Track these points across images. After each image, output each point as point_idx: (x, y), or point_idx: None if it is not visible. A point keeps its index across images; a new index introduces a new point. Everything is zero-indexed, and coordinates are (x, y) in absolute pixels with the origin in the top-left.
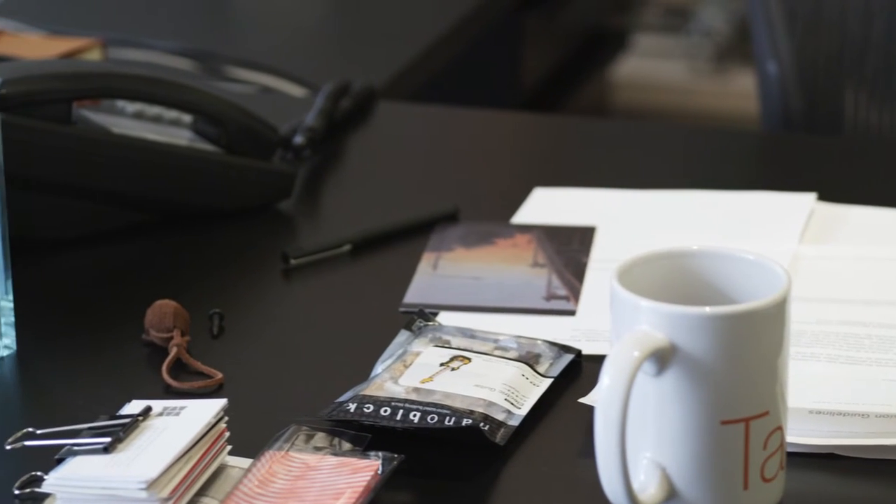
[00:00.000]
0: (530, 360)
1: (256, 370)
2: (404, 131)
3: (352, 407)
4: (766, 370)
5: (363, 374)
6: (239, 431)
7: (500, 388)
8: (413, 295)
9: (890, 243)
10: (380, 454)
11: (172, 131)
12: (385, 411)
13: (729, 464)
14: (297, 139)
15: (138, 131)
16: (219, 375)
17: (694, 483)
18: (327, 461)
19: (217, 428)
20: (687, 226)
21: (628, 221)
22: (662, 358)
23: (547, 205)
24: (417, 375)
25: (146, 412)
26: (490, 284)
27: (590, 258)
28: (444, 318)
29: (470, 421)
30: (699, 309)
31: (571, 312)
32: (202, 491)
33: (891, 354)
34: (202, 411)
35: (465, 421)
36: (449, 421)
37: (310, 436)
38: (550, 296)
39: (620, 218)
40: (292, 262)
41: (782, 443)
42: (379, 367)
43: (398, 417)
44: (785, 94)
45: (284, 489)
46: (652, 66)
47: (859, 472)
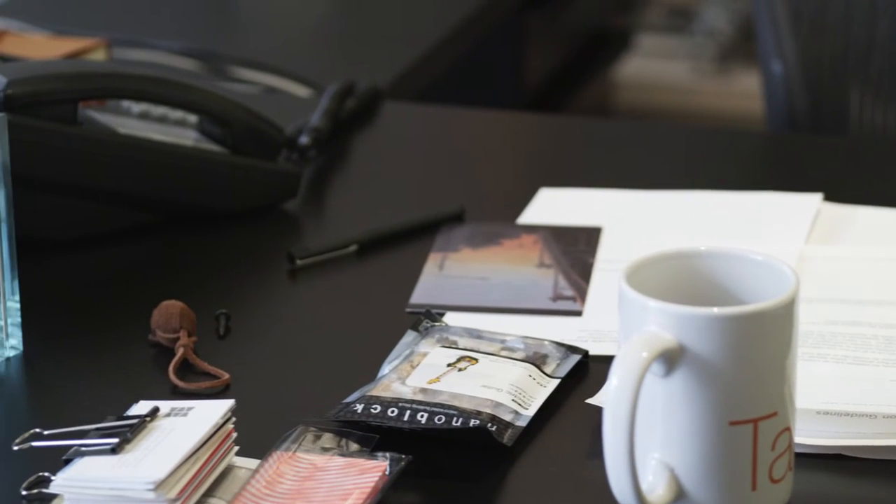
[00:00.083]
0: (537, 361)
1: (263, 371)
2: (409, 132)
3: (359, 408)
4: (775, 371)
5: (370, 375)
6: (246, 432)
7: (508, 389)
8: (419, 295)
9: None
10: (387, 455)
11: (178, 132)
12: (392, 412)
13: (737, 465)
14: (303, 139)
15: (144, 132)
16: (225, 376)
17: (702, 484)
18: (335, 462)
19: (224, 428)
20: (693, 226)
21: (634, 222)
22: (671, 359)
23: (553, 205)
24: (424, 376)
25: (154, 413)
26: (496, 285)
27: (596, 259)
28: (451, 319)
29: (477, 422)
30: (708, 310)
31: (578, 313)
32: (210, 492)
33: None
34: (210, 412)
35: (473, 422)
36: (456, 422)
37: (317, 436)
38: (557, 296)
39: (626, 218)
40: (298, 263)
41: (790, 443)
42: (386, 368)
43: (405, 418)
44: (790, 94)
45: (292, 490)
46: (655, 67)
47: (867, 473)
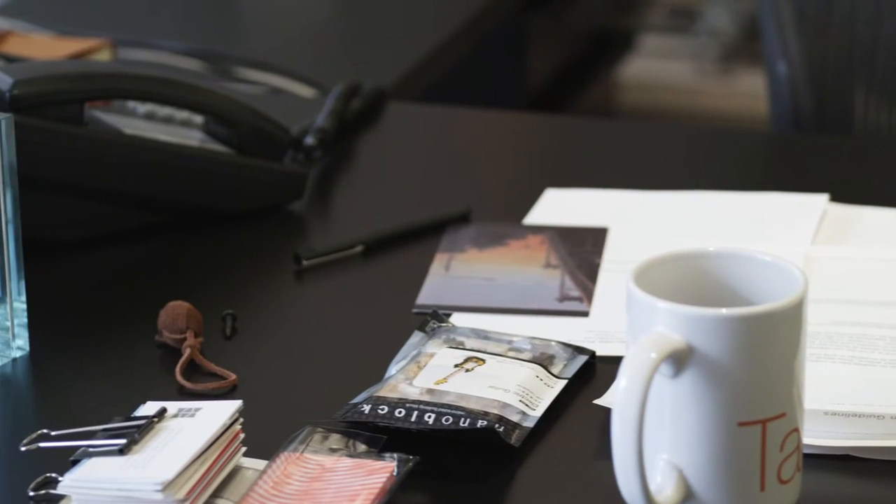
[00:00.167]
0: (544, 362)
1: (269, 371)
2: (414, 132)
3: (366, 408)
4: (783, 372)
5: (377, 376)
6: (253, 433)
7: (515, 390)
8: (426, 296)
9: None
10: (395, 456)
11: (183, 132)
12: (399, 413)
13: (746, 466)
14: (308, 140)
15: (150, 132)
16: (232, 377)
17: (711, 485)
18: (343, 463)
19: (232, 429)
20: (699, 227)
21: (640, 222)
22: (679, 359)
23: (558, 206)
24: (432, 377)
25: (161, 414)
26: (503, 285)
27: (602, 259)
28: (457, 319)
29: (485, 422)
30: (716, 310)
31: (585, 313)
32: (217, 492)
33: None
34: (217, 413)
35: (480, 422)
36: (464, 422)
37: (325, 437)
38: (563, 297)
39: (632, 219)
40: (304, 263)
41: (799, 444)
42: (393, 369)
43: (413, 419)
44: (794, 95)
45: (300, 491)
46: (658, 67)
47: (875, 474)
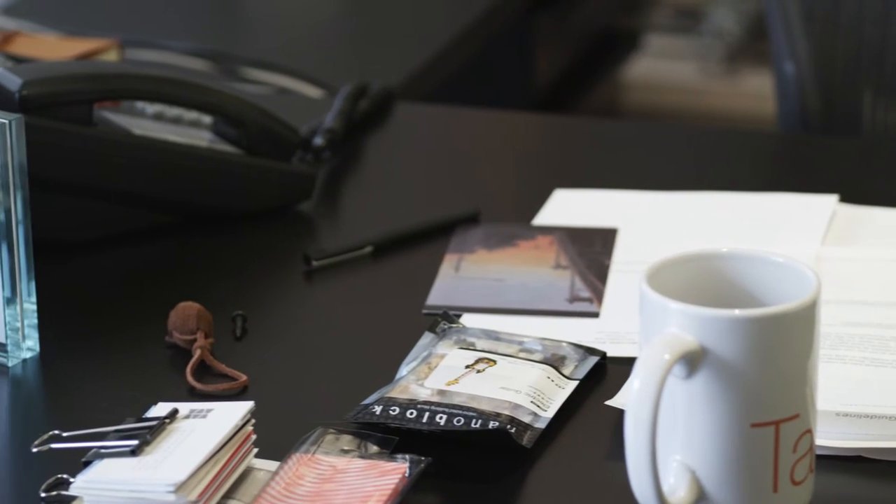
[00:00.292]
0: (555, 363)
1: (280, 372)
2: (422, 133)
3: (377, 409)
4: (797, 373)
5: (387, 376)
6: (264, 433)
7: (526, 391)
8: (436, 297)
9: None
10: (407, 457)
11: (192, 132)
12: (411, 414)
13: (759, 467)
14: (317, 140)
15: (159, 133)
16: (243, 377)
17: (723, 486)
18: (355, 464)
19: (244, 430)
20: (708, 228)
21: (650, 223)
22: (692, 361)
23: (568, 206)
24: (443, 378)
25: (173, 415)
26: (513, 286)
27: (612, 260)
28: (467, 320)
29: (497, 423)
30: (729, 311)
31: (595, 314)
32: (229, 494)
33: None
34: (229, 414)
35: (492, 423)
36: (475, 423)
37: (336, 438)
38: (574, 298)
39: (642, 219)
40: (314, 264)
41: (812, 446)
42: (404, 370)
43: (424, 420)
44: (802, 95)
45: (311, 492)
46: (663, 67)
47: (887, 475)
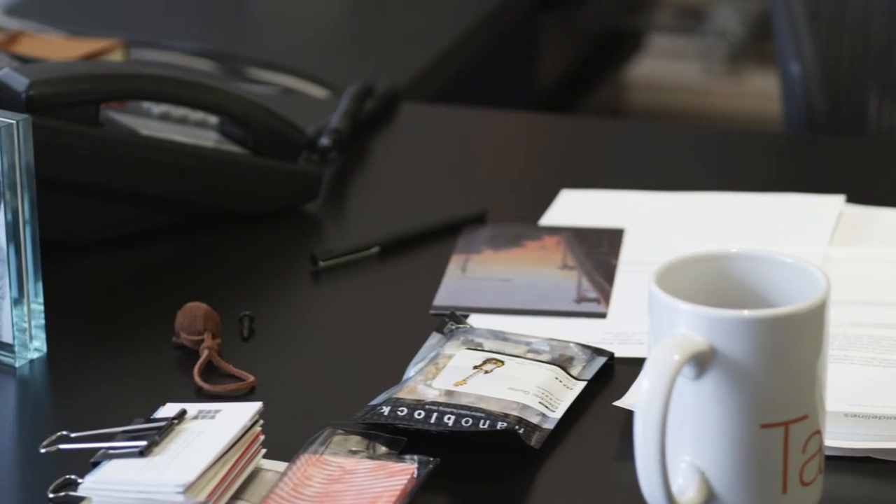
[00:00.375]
0: (563, 363)
1: (288, 372)
2: (428, 133)
3: (385, 410)
4: (806, 374)
5: (395, 377)
6: (271, 434)
7: (534, 391)
8: (443, 297)
9: None
10: (415, 458)
11: (199, 133)
12: (419, 414)
13: (768, 468)
14: (323, 141)
15: (165, 133)
16: (250, 378)
17: (733, 487)
18: (363, 465)
19: (252, 431)
20: (715, 228)
21: (657, 223)
22: (702, 361)
23: (574, 206)
24: (450, 378)
25: (181, 415)
26: (520, 287)
27: (619, 260)
28: (474, 321)
29: (505, 424)
30: (739, 312)
31: (602, 315)
32: (238, 494)
33: None
34: (237, 414)
35: (501, 424)
36: (484, 424)
37: (345, 439)
38: (581, 298)
39: (649, 220)
40: (321, 265)
41: (821, 446)
42: (411, 370)
43: (432, 420)
44: (808, 95)
45: (320, 493)
46: (666, 68)
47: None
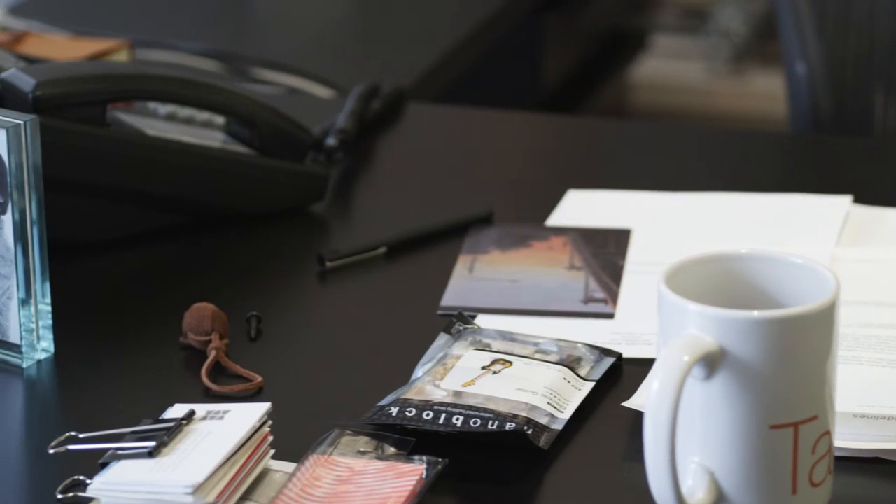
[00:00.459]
0: (571, 364)
1: (295, 373)
2: (434, 133)
3: (394, 411)
4: (816, 374)
5: (403, 378)
6: (280, 435)
7: (543, 392)
8: (450, 298)
9: None
10: (424, 458)
11: (205, 133)
12: (427, 415)
13: (778, 468)
14: (330, 141)
15: (171, 133)
16: (258, 378)
17: (742, 488)
18: (372, 465)
19: (261, 432)
20: (722, 228)
21: (664, 224)
22: (711, 362)
23: (581, 207)
24: (459, 379)
25: (190, 416)
26: (527, 287)
27: (626, 261)
28: (482, 321)
29: (514, 425)
30: (748, 313)
31: (610, 315)
32: (246, 495)
33: None
34: (246, 415)
35: (509, 425)
36: (492, 425)
37: (353, 439)
38: (588, 299)
39: (656, 220)
40: (328, 265)
41: (831, 447)
42: (419, 371)
43: (441, 421)
44: (813, 95)
45: (329, 493)
46: (670, 68)
47: None
